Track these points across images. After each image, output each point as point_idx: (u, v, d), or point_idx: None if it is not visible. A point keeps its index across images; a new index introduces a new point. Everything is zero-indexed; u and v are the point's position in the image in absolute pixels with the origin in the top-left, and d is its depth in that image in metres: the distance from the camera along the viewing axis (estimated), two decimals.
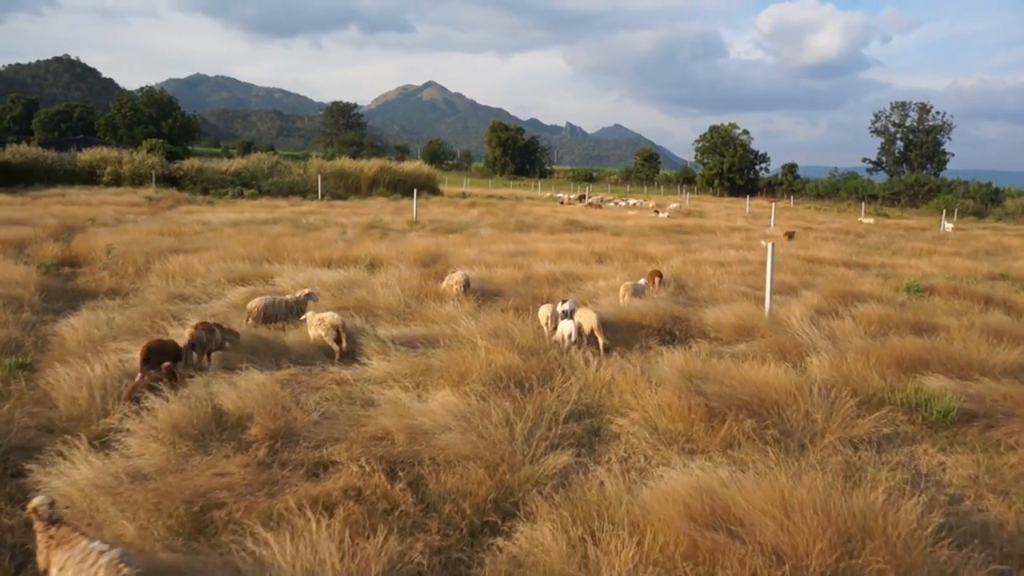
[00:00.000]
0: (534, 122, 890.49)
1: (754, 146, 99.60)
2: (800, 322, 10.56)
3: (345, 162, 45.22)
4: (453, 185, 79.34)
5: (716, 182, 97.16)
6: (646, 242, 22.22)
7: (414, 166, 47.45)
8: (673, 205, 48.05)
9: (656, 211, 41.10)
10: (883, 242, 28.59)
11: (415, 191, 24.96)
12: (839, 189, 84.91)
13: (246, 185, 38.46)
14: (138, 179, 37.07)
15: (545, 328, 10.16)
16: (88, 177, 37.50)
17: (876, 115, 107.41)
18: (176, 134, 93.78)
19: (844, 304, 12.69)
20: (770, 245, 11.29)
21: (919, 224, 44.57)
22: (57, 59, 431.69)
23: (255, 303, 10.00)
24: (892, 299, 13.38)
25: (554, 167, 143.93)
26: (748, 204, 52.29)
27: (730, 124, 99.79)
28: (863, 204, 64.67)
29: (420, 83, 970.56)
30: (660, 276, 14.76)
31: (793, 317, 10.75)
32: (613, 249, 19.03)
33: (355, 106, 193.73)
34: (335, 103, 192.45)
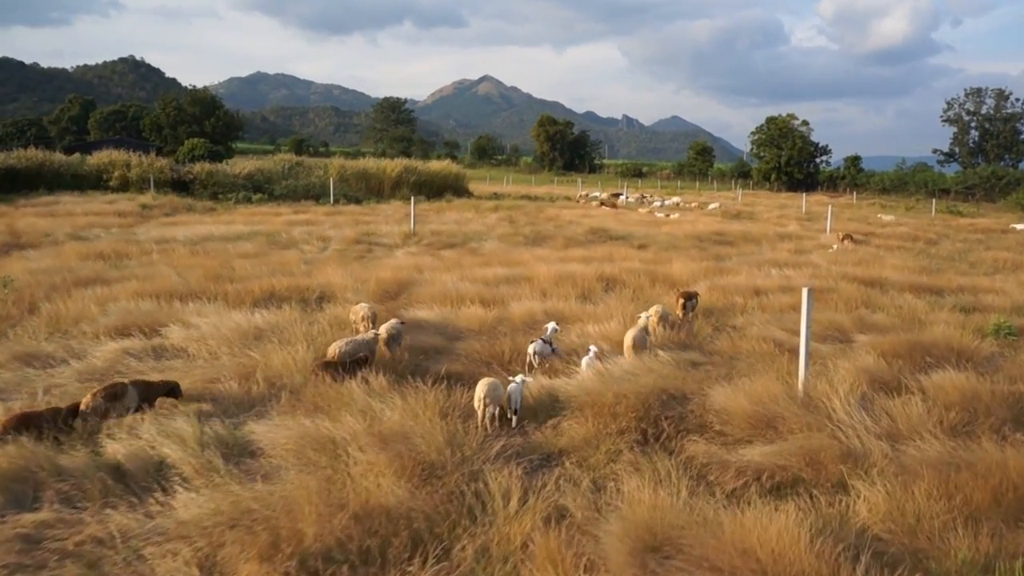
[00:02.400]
0: (590, 115, 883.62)
1: (814, 137, 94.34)
2: (846, 405, 7.42)
3: (368, 162, 42.70)
4: (495, 183, 76.71)
5: (773, 176, 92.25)
6: (674, 258, 19.04)
7: (441, 165, 44.59)
8: (713, 205, 44.10)
9: (667, 214, 37.37)
10: (958, 251, 24.69)
11: (412, 201, 22.15)
12: (907, 183, 79.33)
13: (258, 189, 36.28)
14: (146, 184, 35.19)
15: (479, 411, 7.30)
16: (96, 182, 35.83)
17: (948, 103, 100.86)
18: (219, 133, 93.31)
19: (911, 364, 9.47)
20: (805, 292, 8.13)
21: (997, 224, 39.88)
22: (123, 60, 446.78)
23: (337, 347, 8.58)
24: (977, 352, 10.05)
25: (604, 161, 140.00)
26: (804, 202, 48.12)
27: (788, 115, 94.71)
28: (933, 200, 59.55)
29: (476, 77, 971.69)
30: (689, 299, 12.05)
31: (836, 397, 7.60)
32: (628, 271, 15.93)
33: (405, 101, 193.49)
34: (385, 99, 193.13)
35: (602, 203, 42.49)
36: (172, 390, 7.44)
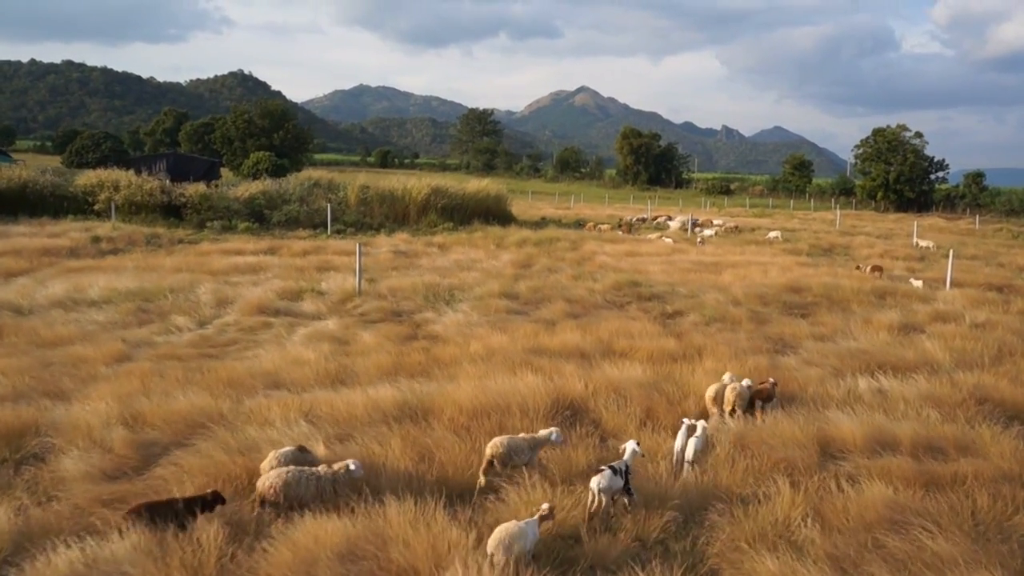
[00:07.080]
0: (688, 125, 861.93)
1: (928, 151, 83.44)
2: None
3: (393, 182, 37.40)
4: (563, 200, 70.61)
5: (879, 195, 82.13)
6: (707, 347, 12.68)
7: (477, 187, 38.60)
8: (774, 233, 36.26)
9: (699, 237, 30.31)
10: None
11: (358, 247, 16.36)
12: None
13: (258, 216, 31.49)
14: (135, 208, 30.77)
15: None
16: (82, 205, 31.77)
17: None
18: (288, 146, 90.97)
19: None
20: None
21: None
22: (232, 74, 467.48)
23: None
24: None
25: (693, 175, 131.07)
26: (916, 229, 39.71)
27: (899, 126, 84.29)
28: None
29: (572, 88, 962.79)
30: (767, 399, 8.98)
31: None
32: (614, 385, 9.75)
33: (492, 112, 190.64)
34: (472, 110, 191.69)
35: (620, 228, 36.42)
36: None
